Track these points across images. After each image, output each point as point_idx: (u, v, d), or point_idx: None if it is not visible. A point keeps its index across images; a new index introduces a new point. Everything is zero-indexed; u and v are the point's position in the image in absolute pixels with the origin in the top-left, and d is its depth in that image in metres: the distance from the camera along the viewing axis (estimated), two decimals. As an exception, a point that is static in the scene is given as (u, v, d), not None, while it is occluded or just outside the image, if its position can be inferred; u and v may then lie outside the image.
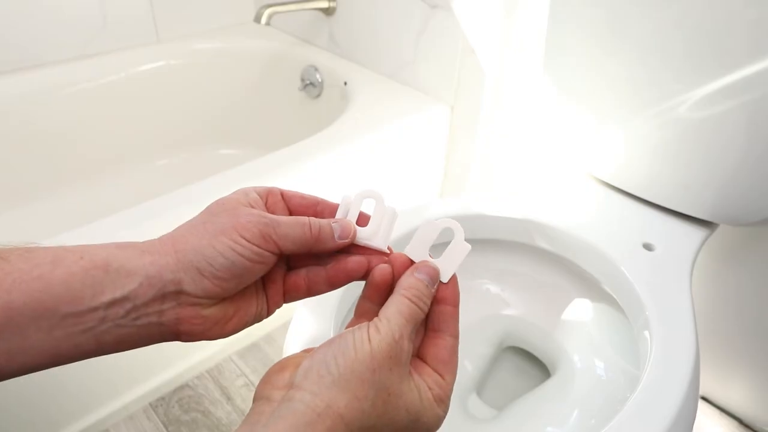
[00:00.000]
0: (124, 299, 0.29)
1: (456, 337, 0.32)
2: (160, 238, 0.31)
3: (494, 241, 0.74)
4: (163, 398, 1.01)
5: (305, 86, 1.31)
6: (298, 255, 0.34)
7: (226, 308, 0.32)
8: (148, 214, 0.82)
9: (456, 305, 0.33)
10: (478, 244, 0.75)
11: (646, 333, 0.58)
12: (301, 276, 0.35)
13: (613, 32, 0.68)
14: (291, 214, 0.35)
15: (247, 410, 0.32)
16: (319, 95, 1.30)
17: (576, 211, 0.74)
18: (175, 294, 0.30)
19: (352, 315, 0.35)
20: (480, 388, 0.76)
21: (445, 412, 0.31)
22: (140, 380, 0.98)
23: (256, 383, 1.04)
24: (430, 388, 0.30)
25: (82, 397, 0.91)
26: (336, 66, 1.26)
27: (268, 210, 0.34)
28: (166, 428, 0.96)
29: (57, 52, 1.22)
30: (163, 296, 0.30)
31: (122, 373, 0.95)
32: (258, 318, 0.34)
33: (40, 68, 1.20)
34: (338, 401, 0.27)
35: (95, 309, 0.28)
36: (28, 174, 1.23)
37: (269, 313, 0.35)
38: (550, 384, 0.70)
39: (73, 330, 0.28)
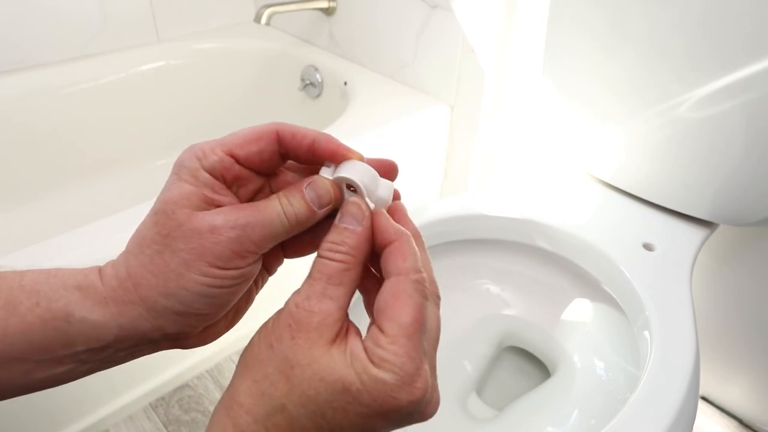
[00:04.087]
0: (103, 348, 0.26)
1: (399, 273, 0.25)
2: (118, 277, 0.26)
3: (494, 241, 0.74)
4: (163, 398, 1.01)
5: (305, 86, 1.31)
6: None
7: (223, 317, 0.30)
8: (148, 214, 0.82)
9: (398, 237, 0.27)
10: (478, 244, 0.76)
11: (646, 333, 0.58)
12: (305, 241, 0.30)
13: (614, 32, 0.68)
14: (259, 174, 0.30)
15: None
16: (319, 95, 1.30)
17: (576, 211, 0.74)
18: (160, 336, 0.27)
19: (355, 312, 0.30)
20: (480, 388, 0.76)
21: (402, 379, 0.23)
22: (140, 380, 0.98)
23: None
24: (365, 348, 0.24)
25: (82, 397, 0.91)
26: (336, 66, 1.26)
27: (229, 186, 0.28)
28: (166, 428, 0.96)
29: (57, 52, 1.22)
30: (149, 340, 0.27)
31: (122, 373, 0.95)
32: (259, 290, 0.32)
33: (40, 68, 1.20)
34: (239, 390, 0.25)
35: (72, 355, 0.26)
36: (28, 174, 1.23)
37: (271, 274, 0.32)
38: (550, 384, 0.70)
39: (54, 371, 0.26)
